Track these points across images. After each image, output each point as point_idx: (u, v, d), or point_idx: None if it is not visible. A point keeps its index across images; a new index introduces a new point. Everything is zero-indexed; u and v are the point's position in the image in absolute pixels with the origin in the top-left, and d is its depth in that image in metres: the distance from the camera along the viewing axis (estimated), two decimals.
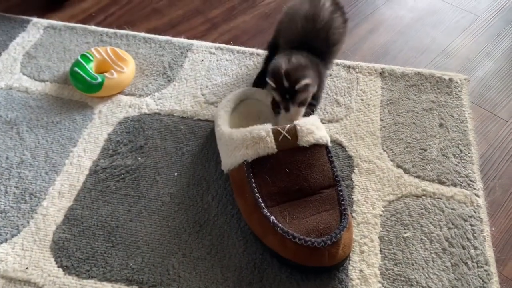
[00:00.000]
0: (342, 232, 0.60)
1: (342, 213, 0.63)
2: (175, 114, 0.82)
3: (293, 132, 0.66)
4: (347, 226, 0.61)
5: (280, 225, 0.61)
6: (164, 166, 0.75)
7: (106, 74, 0.83)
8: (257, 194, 0.64)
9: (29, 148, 0.76)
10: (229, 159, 0.68)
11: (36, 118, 0.80)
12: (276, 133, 0.66)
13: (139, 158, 0.75)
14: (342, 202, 0.64)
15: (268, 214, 0.62)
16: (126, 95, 0.85)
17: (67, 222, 0.67)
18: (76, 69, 0.83)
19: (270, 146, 0.65)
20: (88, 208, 0.69)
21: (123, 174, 0.73)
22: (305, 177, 0.65)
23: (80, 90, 0.84)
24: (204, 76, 0.89)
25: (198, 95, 0.85)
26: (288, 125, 0.67)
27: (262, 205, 0.63)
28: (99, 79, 0.82)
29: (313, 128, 0.67)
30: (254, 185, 0.64)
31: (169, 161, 0.75)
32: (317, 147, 0.67)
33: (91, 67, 0.84)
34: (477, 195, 0.72)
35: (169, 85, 0.87)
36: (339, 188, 0.66)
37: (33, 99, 0.83)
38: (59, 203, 0.69)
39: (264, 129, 0.66)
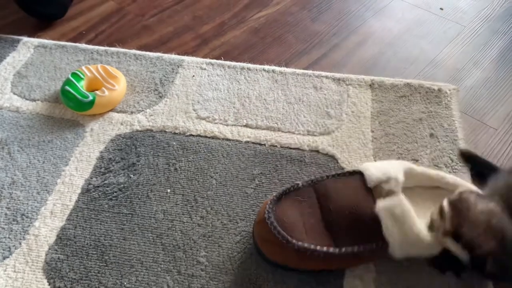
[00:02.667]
0: None
1: None
2: (167, 130, 0.82)
3: None
4: None
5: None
6: (157, 183, 0.74)
7: (97, 92, 0.83)
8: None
9: (20, 168, 0.75)
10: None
11: (28, 137, 0.80)
12: None
13: (132, 176, 0.75)
14: None
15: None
16: (118, 112, 0.85)
17: (60, 242, 0.67)
18: (67, 87, 0.83)
19: None
20: (81, 227, 0.68)
21: (115, 192, 0.73)
22: None
23: (72, 108, 0.83)
24: (195, 92, 0.89)
25: (189, 111, 0.85)
26: None
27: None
28: (90, 97, 0.82)
29: None
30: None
31: (162, 178, 0.75)
32: None
33: (82, 85, 0.84)
34: None
35: (161, 101, 0.87)
36: None
37: (24, 118, 0.83)
38: (51, 223, 0.69)
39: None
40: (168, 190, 0.74)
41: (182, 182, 0.75)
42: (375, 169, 0.64)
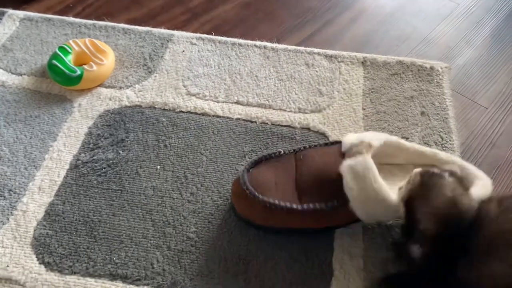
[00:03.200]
0: None
1: None
2: (156, 106, 0.81)
3: None
4: None
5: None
6: (146, 159, 0.74)
7: (85, 66, 0.81)
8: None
9: (7, 143, 0.74)
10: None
11: (14, 112, 0.78)
12: None
13: (121, 152, 0.74)
14: None
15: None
16: (106, 87, 0.83)
17: (48, 218, 0.66)
18: (54, 62, 0.81)
19: None
20: (70, 203, 0.68)
21: (104, 168, 0.72)
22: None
23: (59, 83, 0.82)
24: (185, 67, 0.88)
25: (179, 87, 0.84)
26: None
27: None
28: (78, 72, 0.80)
29: None
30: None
31: (151, 154, 0.74)
32: None
33: (69, 59, 0.82)
34: None
35: (150, 76, 0.86)
36: None
37: (10, 93, 0.81)
38: (39, 198, 0.68)
39: None
40: (158, 167, 0.73)
41: (172, 159, 0.74)
42: (353, 136, 0.64)
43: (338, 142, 0.67)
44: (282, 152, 0.68)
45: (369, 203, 0.58)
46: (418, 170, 0.57)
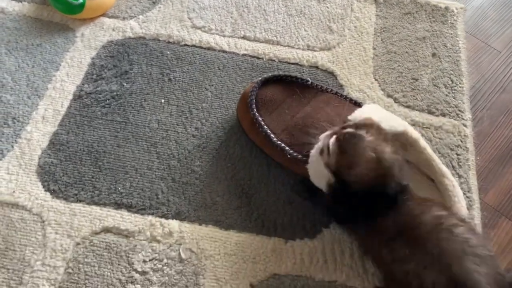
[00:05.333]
0: None
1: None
2: (160, 39, 0.79)
3: None
4: None
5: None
6: (151, 92, 0.73)
7: None
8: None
9: (9, 72, 0.73)
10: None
11: (15, 40, 0.76)
12: None
13: (124, 84, 0.73)
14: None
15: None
16: (109, 17, 0.81)
17: (52, 147, 0.66)
18: None
19: None
20: (74, 133, 0.68)
21: (108, 99, 0.71)
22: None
23: (61, 11, 0.79)
24: None
25: (184, 19, 0.81)
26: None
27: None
28: (80, 0, 0.77)
29: None
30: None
31: (156, 88, 0.73)
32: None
33: None
34: (465, 125, 0.72)
35: (154, 7, 0.82)
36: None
37: (11, 20, 0.79)
38: (43, 128, 0.68)
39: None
40: (162, 100, 0.72)
41: (176, 93, 0.73)
42: (371, 111, 0.61)
43: (360, 105, 0.65)
44: (310, 82, 0.68)
45: (318, 175, 0.57)
46: (332, 140, 0.54)
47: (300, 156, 0.60)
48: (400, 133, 0.61)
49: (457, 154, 0.69)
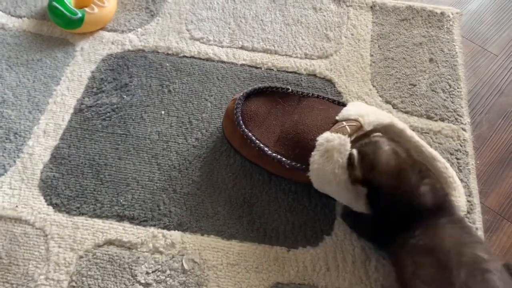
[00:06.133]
0: None
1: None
2: (159, 51, 0.79)
3: None
4: None
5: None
6: (151, 104, 0.73)
7: (86, 8, 0.79)
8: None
9: (10, 87, 0.73)
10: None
11: (16, 56, 0.77)
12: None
13: (125, 96, 0.74)
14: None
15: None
16: (108, 31, 0.81)
17: (54, 161, 0.67)
18: (54, 3, 0.79)
19: None
20: (75, 146, 0.68)
21: (109, 112, 0.72)
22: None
23: (60, 26, 0.80)
24: (188, 11, 0.85)
25: (183, 31, 0.82)
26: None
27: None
28: (79, 14, 0.78)
29: None
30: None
31: (156, 99, 0.74)
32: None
33: (70, 1, 0.80)
34: (464, 130, 0.73)
35: (153, 20, 0.83)
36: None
37: (11, 36, 0.80)
38: (45, 142, 0.68)
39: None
40: (162, 112, 0.73)
41: (176, 104, 0.74)
42: (355, 107, 0.63)
43: (345, 105, 0.66)
44: (290, 90, 0.68)
45: (323, 181, 0.59)
46: (350, 150, 0.57)
47: (299, 165, 0.61)
48: (387, 125, 0.61)
49: (457, 159, 0.70)
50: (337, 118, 0.62)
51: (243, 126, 0.64)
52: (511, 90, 0.80)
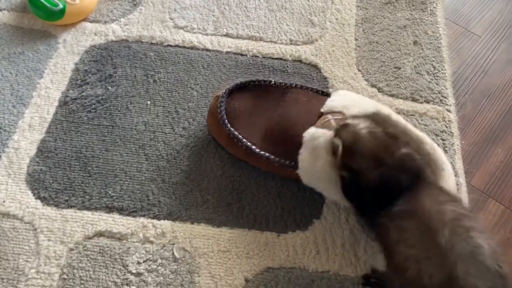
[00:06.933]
0: None
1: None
2: (143, 41, 0.79)
3: None
4: None
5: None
6: (136, 94, 0.73)
7: (67, 0, 0.78)
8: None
9: None
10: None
11: None
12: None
13: (109, 87, 0.73)
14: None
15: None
16: (91, 22, 0.80)
17: (41, 154, 0.66)
18: None
19: None
20: (61, 139, 0.68)
21: (94, 104, 0.71)
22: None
23: (41, 18, 0.79)
24: None
25: (166, 20, 0.81)
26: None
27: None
28: (60, 6, 0.77)
29: None
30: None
31: (141, 90, 0.73)
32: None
33: None
34: (449, 111, 0.73)
35: (135, 9, 0.82)
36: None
37: None
38: (30, 136, 0.68)
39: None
40: (148, 102, 0.72)
41: (162, 94, 0.73)
42: (340, 98, 0.63)
43: (329, 95, 0.66)
44: (273, 82, 0.67)
45: (313, 177, 0.59)
46: (331, 138, 0.56)
47: (288, 162, 0.61)
48: (372, 113, 0.61)
49: (443, 140, 0.70)
50: (322, 110, 0.62)
51: (229, 125, 0.63)
52: (494, 70, 0.81)
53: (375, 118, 0.61)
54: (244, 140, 0.63)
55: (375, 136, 0.54)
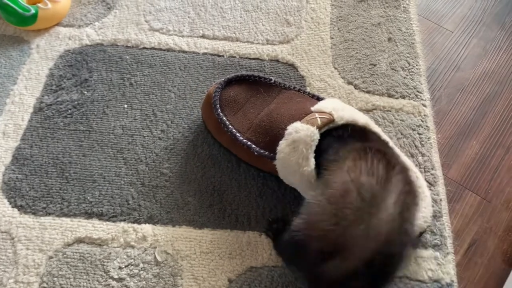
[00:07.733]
0: None
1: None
2: (118, 44, 0.78)
3: None
4: None
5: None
6: (112, 98, 0.72)
7: (39, 4, 0.77)
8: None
9: None
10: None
11: None
12: None
13: (85, 92, 0.72)
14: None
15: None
16: (64, 26, 0.79)
17: (16, 162, 0.65)
18: (5, 0, 0.76)
19: None
20: (37, 146, 0.67)
21: (70, 109, 0.70)
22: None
23: (13, 23, 0.77)
24: (146, 1, 0.84)
25: (141, 22, 0.81)
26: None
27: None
28: (32, 11, 0.75)
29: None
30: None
31: (117, 93, 0.73)
32: None
33: None
34: (424, 105, 0.75)
35: (110, 13, 0.82)
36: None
37: None
38: (5, 143, 0.66)
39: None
40: (125, 106, 0.72)
41: (139, 97, 0.73)
42: (333, 102, 0.64)
43: (321, 99, 0.66)
44: (273, 81, 0.68)
45: (288, 170, 0.59)
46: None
47: (267, 153, 0.61)
48: (361, 126, 0.61)
49: (419, 134, 0.72)
50: (312, 108, 0.62)
51: (219, 110, 0.65)
52: (466, 65, 0.82)
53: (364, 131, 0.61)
54: (230, 126, 0.64)
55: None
